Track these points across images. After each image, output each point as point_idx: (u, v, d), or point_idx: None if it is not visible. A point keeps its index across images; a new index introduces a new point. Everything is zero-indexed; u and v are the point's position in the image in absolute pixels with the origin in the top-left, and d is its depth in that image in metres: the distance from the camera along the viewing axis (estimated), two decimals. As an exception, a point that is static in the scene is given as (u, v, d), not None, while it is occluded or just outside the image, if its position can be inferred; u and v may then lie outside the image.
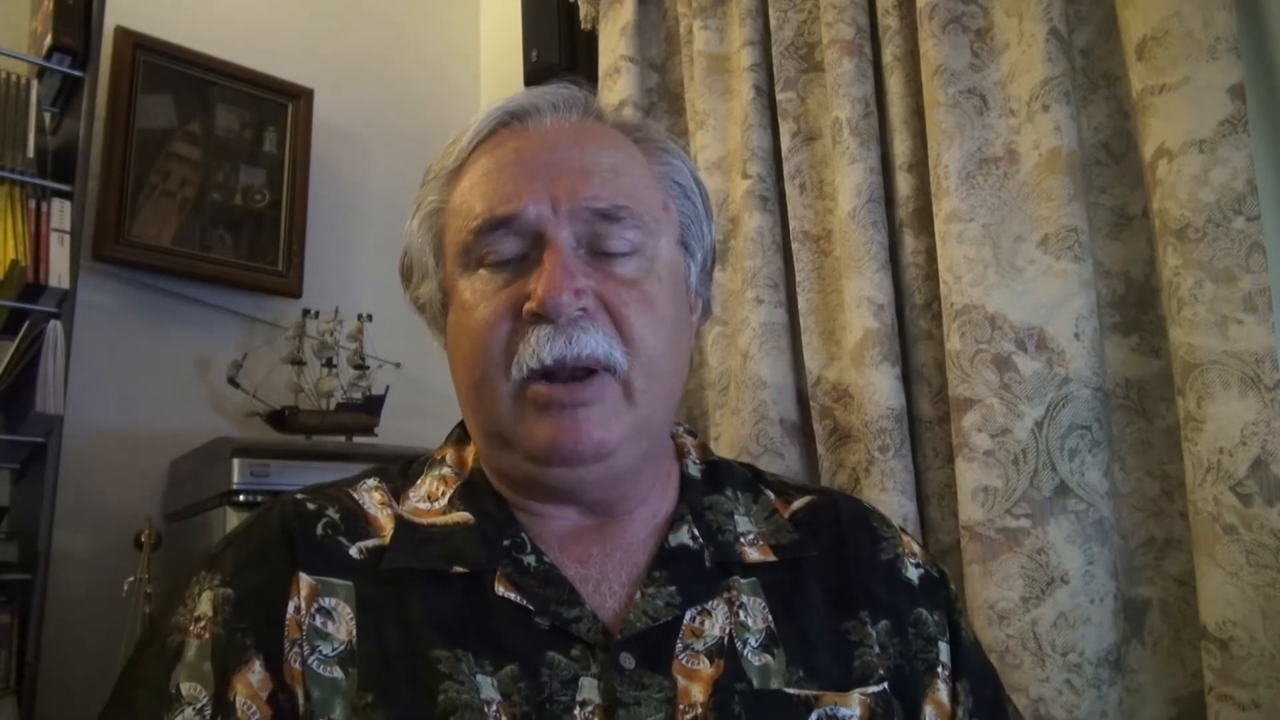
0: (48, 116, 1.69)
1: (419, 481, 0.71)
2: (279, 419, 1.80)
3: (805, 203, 1.46)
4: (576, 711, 0.58)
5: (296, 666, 0.59)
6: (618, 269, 0.65)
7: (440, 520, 0.67)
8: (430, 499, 0.69)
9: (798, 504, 0.74)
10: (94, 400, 1.73)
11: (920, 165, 1.33)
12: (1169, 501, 1.12)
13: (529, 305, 0.62)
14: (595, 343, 0.62)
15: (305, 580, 0.62)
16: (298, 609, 0.61)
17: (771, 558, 0.68)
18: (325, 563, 0.63)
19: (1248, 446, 0.97)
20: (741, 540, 0.69)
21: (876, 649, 0.65)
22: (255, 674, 0.59)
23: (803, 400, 1.44)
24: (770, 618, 0.65)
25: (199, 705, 0.58)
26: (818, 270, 1.44)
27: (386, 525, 0.67)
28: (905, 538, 0.75)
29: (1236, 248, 1.00)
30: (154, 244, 1.84)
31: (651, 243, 0.67)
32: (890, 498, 1.24)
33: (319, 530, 0.65)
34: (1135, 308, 1.17)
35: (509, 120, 0.69)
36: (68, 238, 1.53)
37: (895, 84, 1.36)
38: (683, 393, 0.78)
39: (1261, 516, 0.96)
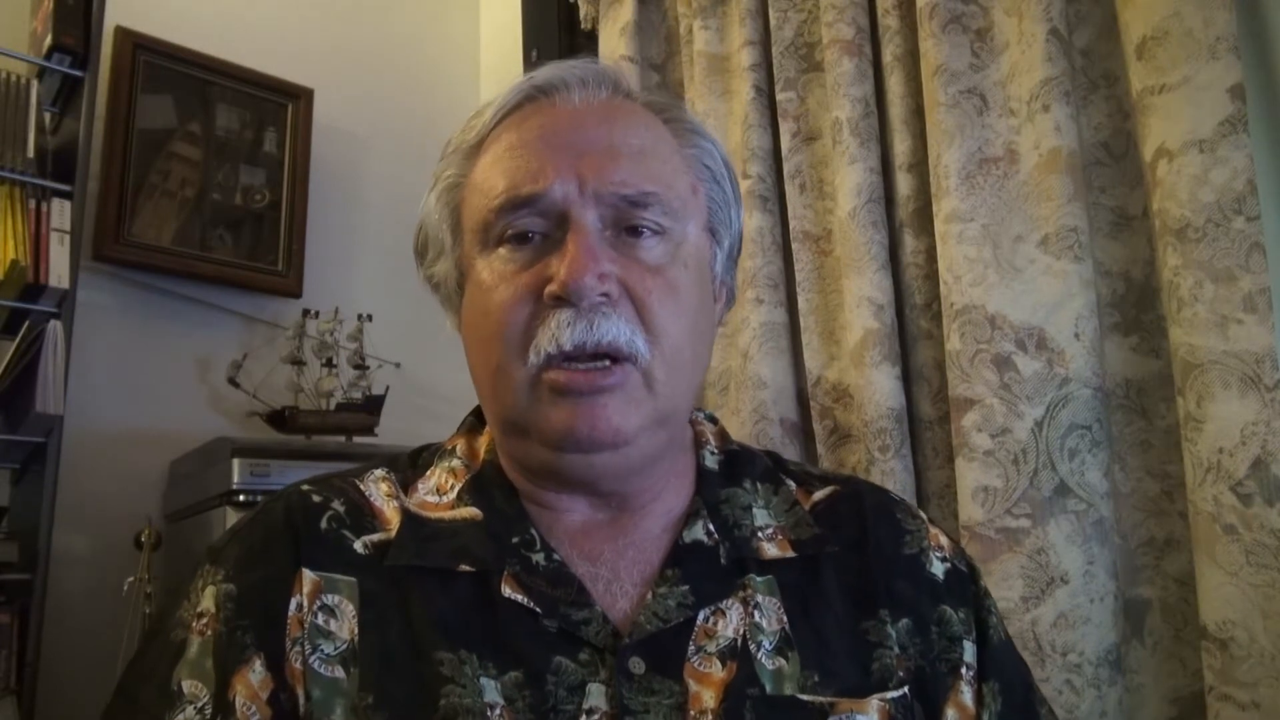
0: (48, 116, 1.69)
1: (428, 473, 0.69)
2: (279, 419, 1.80)
3: (805, 203, 1.46)
4: (583, 719, 0.56)
5: (298, 666, 0.57)
6: (643, 254, 0.63)
7: (448, 515, 0.65)
8: (439, 492, 0.67)
9: (819, 495, 0.71)
10: (94, 400, 1.73)
11: (920, 165, 1.33)
12: (1169, 501, 1.12)
13: (550, 288, 0.60)
14: (617, 329, 0.60)
15: (308, 577, 0.60)
16: (300, 606, 0.59)
17: (790, 554, 0.65)
18: (329, 558, 0.61)
19: (1248, 446, 0.97)
20: (759, 535, 0.66)
21: (896, 650, 0.63)
22: (256, 673, 0.57)
23: (803, 400, 1.44)
24: (785, 619, 0.62)
25: (200, 704, 0.57)
26: (818, 270, 1.44)
27: (393, 519, 0.64)
28: (933, 530, 0.72)
29: (1236, 248, 1.00)
30: (154, 244, 1.84)
31: (679, 228, 0.65)
32: (890, 498, 1.24)
33: (323, 524, 0.63)
34: (1135, 308, 1.17)
35: (535, 95, 0.66)
36: (68, 238, 1.53)
37: (895, 84, 1.36)
38: (703, 382, 0.75)
39: (1261, 516, 0.96)
